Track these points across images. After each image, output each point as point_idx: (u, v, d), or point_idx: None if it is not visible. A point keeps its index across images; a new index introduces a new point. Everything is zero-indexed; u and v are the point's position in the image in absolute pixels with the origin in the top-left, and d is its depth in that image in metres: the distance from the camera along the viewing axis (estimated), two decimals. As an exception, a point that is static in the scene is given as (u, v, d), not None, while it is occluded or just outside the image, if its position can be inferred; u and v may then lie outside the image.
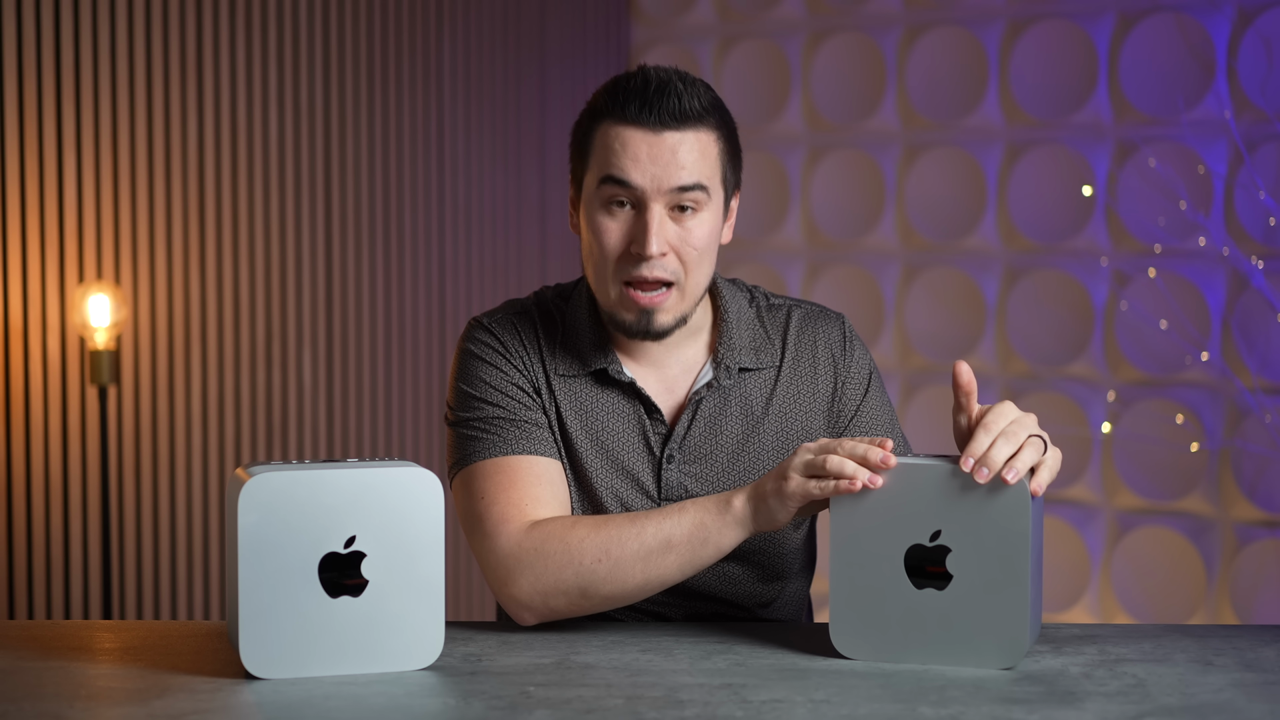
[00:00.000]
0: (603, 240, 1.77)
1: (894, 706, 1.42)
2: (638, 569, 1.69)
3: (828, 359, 1.89)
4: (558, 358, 1.85)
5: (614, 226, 1.77)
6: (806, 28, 4.37)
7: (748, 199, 4.45)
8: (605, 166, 1.76)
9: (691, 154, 1.75)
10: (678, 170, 1.74)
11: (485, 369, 1.84)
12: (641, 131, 1.74)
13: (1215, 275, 3.73)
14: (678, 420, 1.85)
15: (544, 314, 1.89)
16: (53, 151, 3.57)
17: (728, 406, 1.86)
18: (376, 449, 4.15)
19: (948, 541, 1.55)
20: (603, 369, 1.84)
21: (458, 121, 4.31)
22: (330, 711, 1.41)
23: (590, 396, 1.84)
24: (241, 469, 1.53)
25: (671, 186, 1.74)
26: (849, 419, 1.89)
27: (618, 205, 1.76)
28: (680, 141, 1.75)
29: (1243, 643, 1.68)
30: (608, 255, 1.77)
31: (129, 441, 3.70)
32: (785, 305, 1.93)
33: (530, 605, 1.72)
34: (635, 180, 1.74)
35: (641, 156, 1.74)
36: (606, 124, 1.77)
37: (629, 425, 1.84)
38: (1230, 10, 3.69)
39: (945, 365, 4.12)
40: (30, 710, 1.42)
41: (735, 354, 1.86)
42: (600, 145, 1.77)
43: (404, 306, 4.20)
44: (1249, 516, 3.71)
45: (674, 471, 1.83)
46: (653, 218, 1.74)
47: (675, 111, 1.74)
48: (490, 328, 1.87)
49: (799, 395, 1.88)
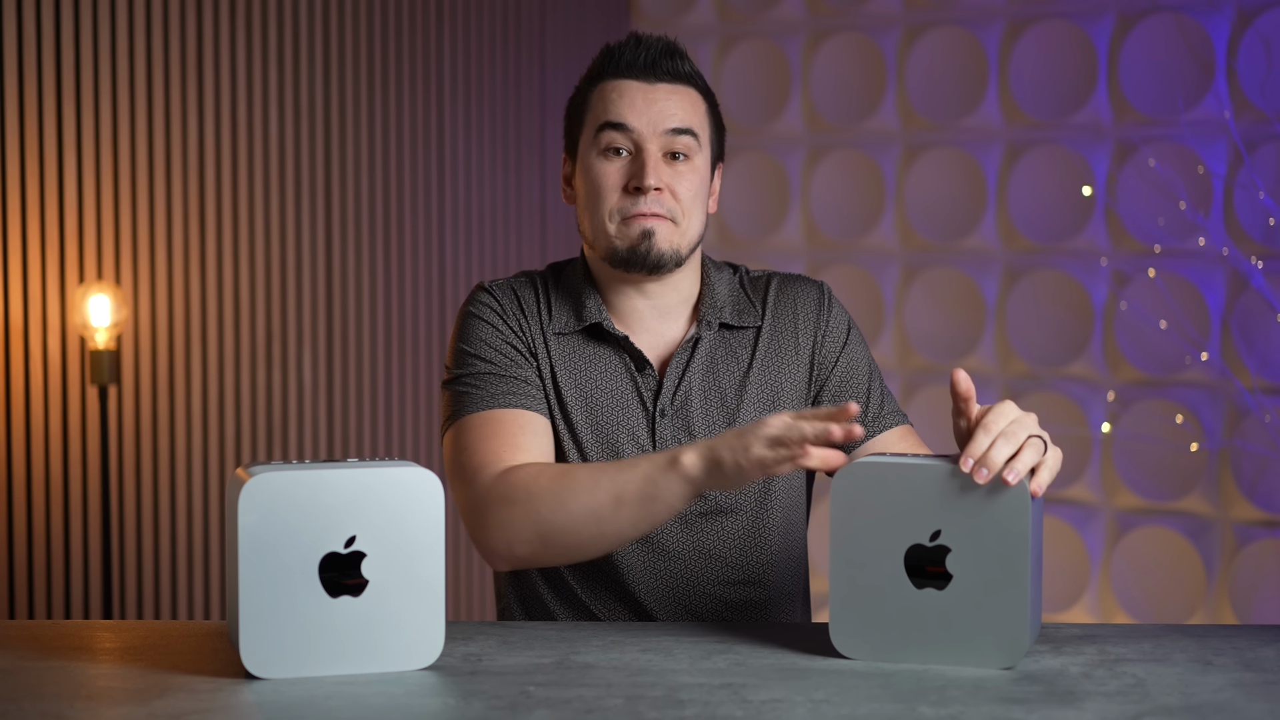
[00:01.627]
0: (602, 183, 1.88)
1: (894, 706, 1.42)
2: (591, 522, 1.72)
3: (807, 316, 1.98)
4: (554, 316, 1.94)
5: (612, 170, 1.88)
6: (806, 28, 4.37)
7: (748, 199, 4.45)
8: (603, 115, 1.89)
9: (684, 104, 1.89)
10: (671, 114, 1.88)
11: (481, 327, 1.93)
12: (637, 82, 1.89)
13: (1215, 275, 3.73)
14: (666, 375, 1.92)
15: (546, 280, 1.99)
16: (53, 151, 3.57)
17: (715, 363, 1.94)
18: (376, 449, 4.15)
19: (948, 541, 1.55)
20: (596, 324, 1.92)
21: (458, 121, 4.31)
22: (330, 711, 1.41)
23: (585, 353, 1.93)
24: (241, 469, 1.53)
25: (666, 129, 1.87)
26: (829, 369, 1.97)
27: (614, 153, 1.88)
28: (673, 92, 1.89)
29: (1242, 643, 1.68)
30: (607, 195, 1.88)
31: (129, 441, 3.70)
32: (765, 274, 2.03)
33: (498, 551, 1.78)
34: (632, 122, 1.87)
35: (638, 102, 1.88)
36: (602, 83, 1.91)
37: (622, 381, 1.92)
38: (1230, 10, 3.69)
39: (945, 365, 4.12)
40: (30, 710, 1.42)
41: (716, 311, 1.95)
42: (597, 100, 1.90)
43: (404, 307, 4.20)
44: (1249, 516, 3.71)
45: (667, 425, 1.90)
46: (650, 155, 1.86)
47: (669, 69, 1.90)
48: (491, 290, 1.97)
49: (782, 350, 1.96)
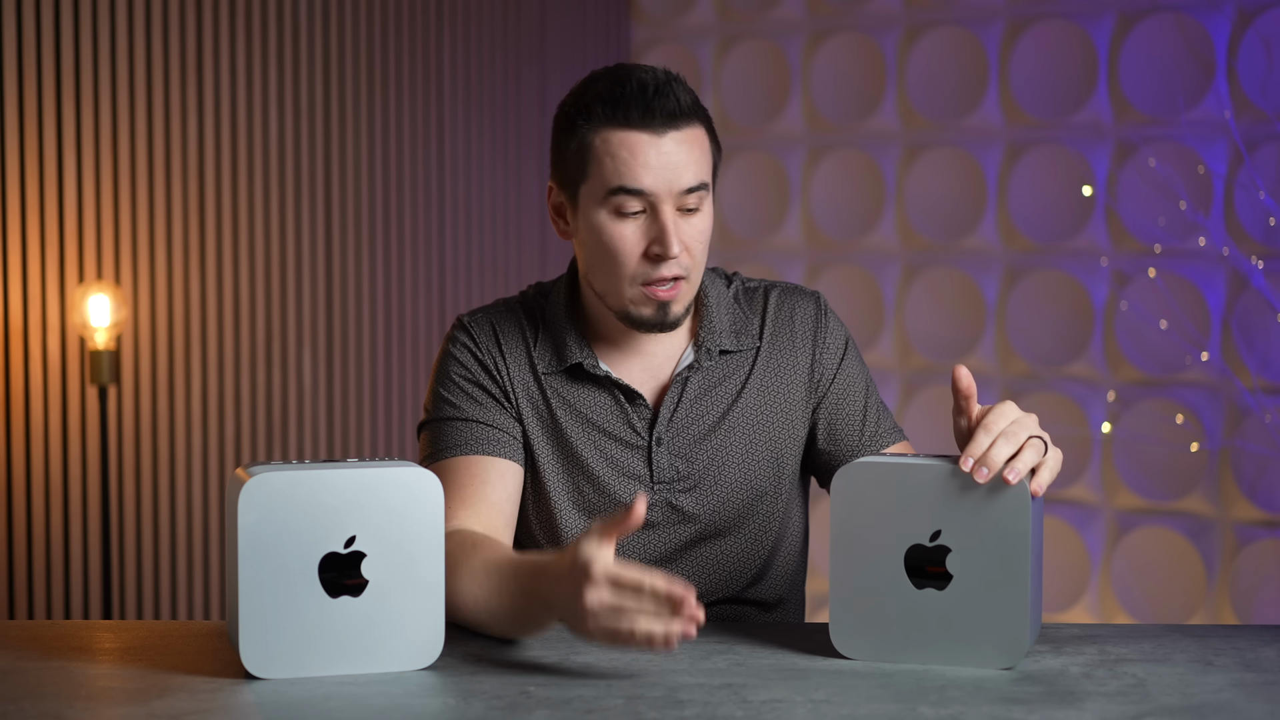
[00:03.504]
0: (619, 247, 1.80)
1: (894, 706, 1.42)
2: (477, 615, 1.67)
3: (805, 332, 1.95)
4: (538, 353, 1.90)
5: (628, 233, 1.79)
6: (806, 28, 4.37)
7: (748, 199, 4.45)
8: (616, 177, 1.78)
9: (693, 153, 1.80)
10: (684, 172, 1.78)
11: (454, 368, 1.91)
12: (647, 135, 1.77)
13: (1215, 275, 3.73)
14: (662, 404, 1.89)
15: (528, 311, 1.94)
16: (53, 151, 3.57)
17: (711, 388, 1.91)
18: (376, 449, 4.15)
19: (948, 541, 1.55)
20: (578, 364, 1.88)
21: (458, 121, 4.31)
22: (330, 711, 1.41)
23: (573, 391, 1.89)
24: (241, 469, 1.53)
25: (680, 189, 1.79)
26: (826, 386, 1.94)
27: (631, 214, 1.79)
28: (680, 141, 1.79)
29: (1243, 643, 1.68)
30: (626, 261, 1.80)
31: (129, 441, 3.70)
32: (762, 286, 1.98)
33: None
34: (648, 186, 1.77)
35: (651, 163, 1.77)
36: (606, 131, 1.79)
37: (614, 416, 1.89)
38: (1230, 10, 3.69)
39: (945, 365, 4.12)
40: (30, 710, 1.42)
41: (716, 337, 1.91)
42: (603, 154, 1.79)
43: (404, 306, 4.20)
44: (1249, 516, 3.71)
45: (664, 454, 1.88)
46: (669, 220, 1.78)
47: (674, 111, 1.78)
48: (469, 327, 1.93)
49: (779, 370, 1.93)
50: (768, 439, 1.91)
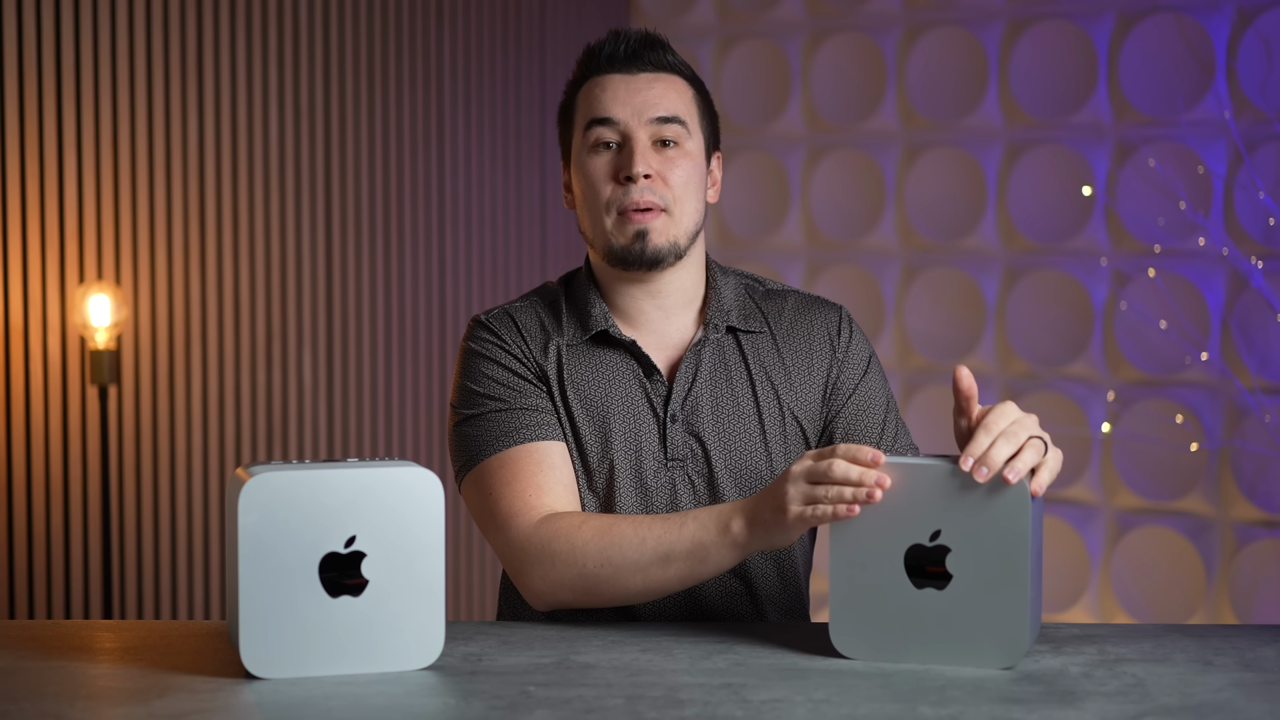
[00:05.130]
0: (594, 176, 1.88)
1: (894, 706, 1.42)
2: (638, 577, 1.73)
3: (824, 339, 1.96)
4: (561, 328, 1.93)
5: (601, 163, 1.88)
6: (806, 28, 4.37)
7: (748, 199, 4.45)
8: (589, 113, 1.89)
9: (668, 92, 1.89)
10: (656, 102, 1.88)
11: (484, 363, 1.91)
12: (619, 75, 1.90)
13: (1215, 275, 3.74)
14: (675, 380, 1.90)
15: (547, 297, 1.98)
16: (53, 151, 3.57)
17: (725, 368, 1.92)
18: (376, 449, 4.15)
19: (948, 541, 1.55)
20: (603, 331, 1.91)
21: (458, 121, 4.31)
22: (330, 711, 1.41)
23: (594, 361, 1.91)
24: (241, 469, 1.53)
25: (651, 117, 1.87)
26: (845, 398, 1.94)
27: (604, 147, 1.88)
28: (656, 80, 1.90)
29: (1242, 643, 1.68)
30: (600, 190, 1.88)
31: (129, 441, 3.70)
32: (785, 291, 2.01)
33: (541, 597, 1.79)
34: (616, 114, 1.87)
35: (621, 93, 1.88)
36: (587, 84, 1.91)
37: (631, 388, 1.90)
38: (1230, 10, 3.69)
39: (945, 365, 4.12)
40: (30, 710, 1.42)
41: (723, 314, 1.94)
42: (583, 100, 1.91)
43: (404, 306, 4.20)
44: (1248, 516, 3.71)
45: (679, 431, 1.89)
46: (637, 143, 1.87)
47: (651, 59, 1.90)
48: (488, 324, 1.95)
49: (796, 366, 1.94)
50: (779, 434, 1.91)
